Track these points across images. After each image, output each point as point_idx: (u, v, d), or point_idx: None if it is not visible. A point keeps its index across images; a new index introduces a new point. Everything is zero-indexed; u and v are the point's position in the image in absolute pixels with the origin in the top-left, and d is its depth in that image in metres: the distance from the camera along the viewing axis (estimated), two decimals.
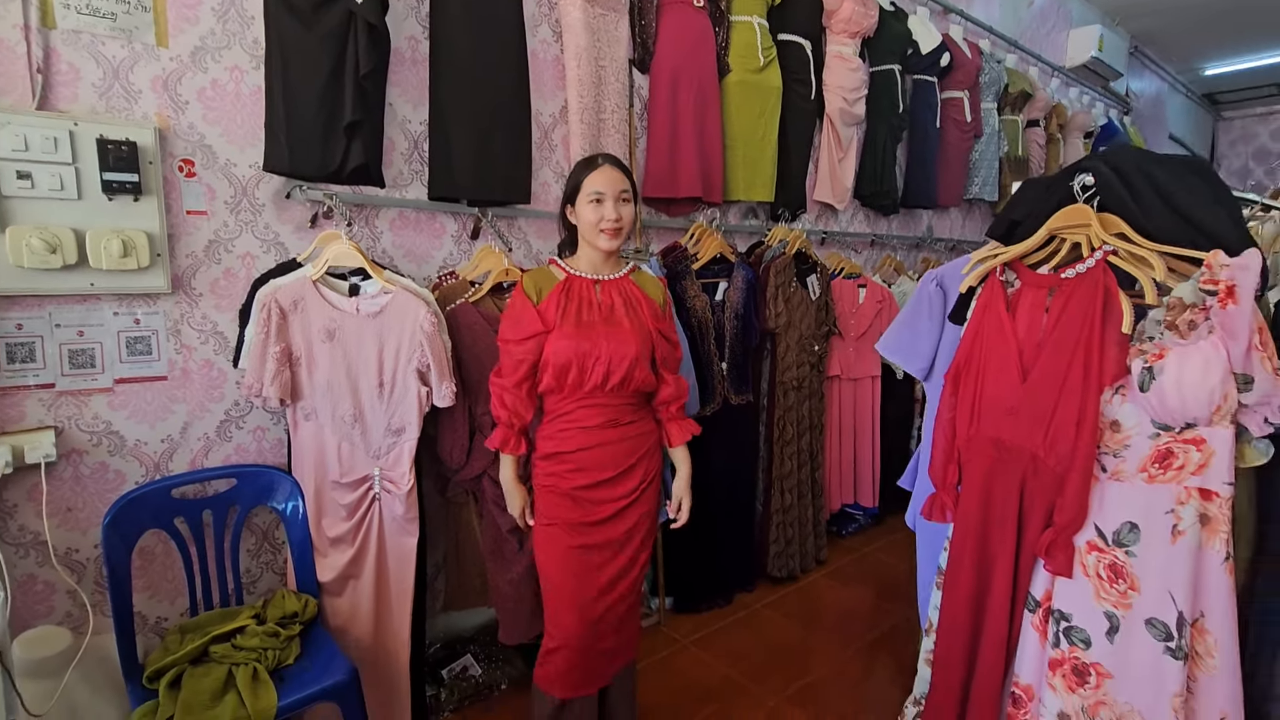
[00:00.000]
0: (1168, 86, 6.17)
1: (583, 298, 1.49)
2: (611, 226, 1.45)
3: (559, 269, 1.52)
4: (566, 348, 1.42)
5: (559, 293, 1.47)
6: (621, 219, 1.46)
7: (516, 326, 1.46)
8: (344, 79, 1.67)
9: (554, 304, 1.46)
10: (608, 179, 1.46)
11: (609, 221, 1.45)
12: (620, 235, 1.48)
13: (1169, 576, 1.06)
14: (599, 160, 1.49)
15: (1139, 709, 1.08)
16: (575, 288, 1.49)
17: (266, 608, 1.58)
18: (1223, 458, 1.03)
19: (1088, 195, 1.23)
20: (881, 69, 3.28)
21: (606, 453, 1.49)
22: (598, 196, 1.45)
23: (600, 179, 1.46)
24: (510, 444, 1.50)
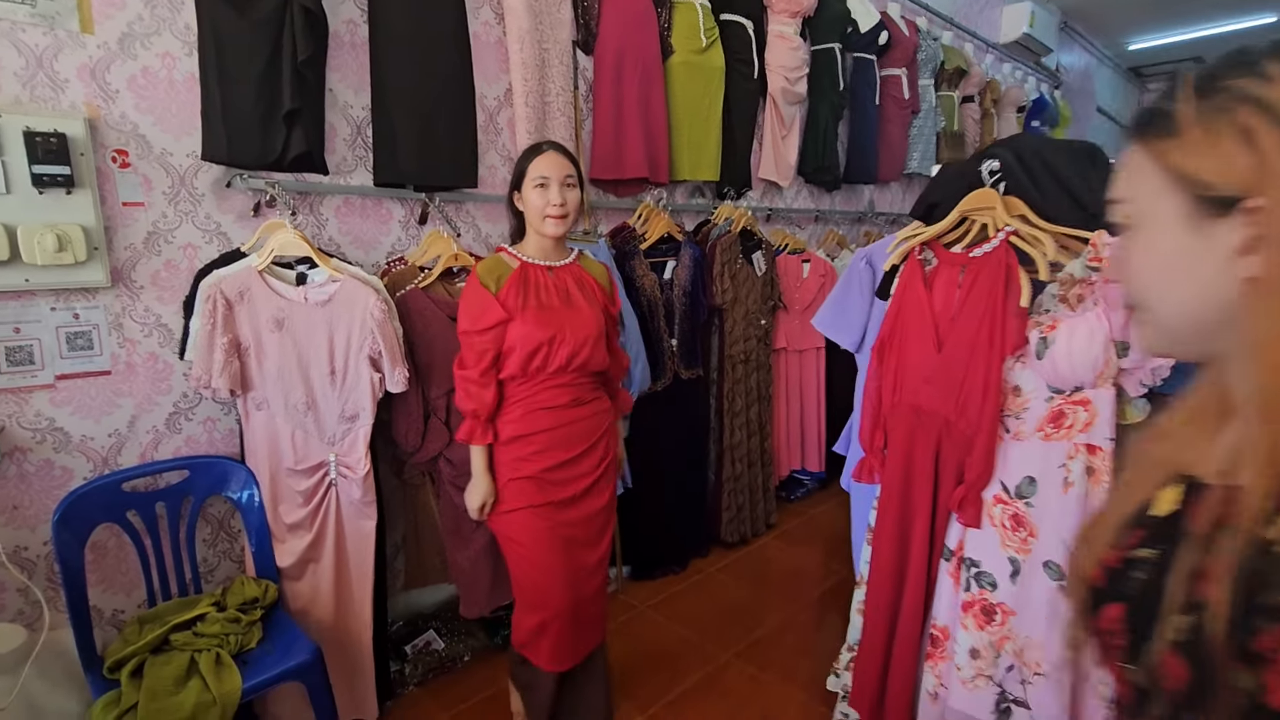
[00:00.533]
0: (1095, 61, 6.43)
1: (540, 283, 1.51)
2: (557, 212, 1.47)
3: (511, 257, 1.53)
4: (533, 333, 1.44)
5: (517, 280, 1.49)
6: (566, 204, 1.48)
7: (478, 317, 1.46)
8: (282, 65, 1.65)
9: (514, 291, 1.47)
10: (552, 164, 1.48)
11: (554, 207, 1.46)
12: (566, 221, 1.49)
13: (1062, 523, 1.19)
14: (544, 146, 1.51)
15: (1037, 639, 1.22)
16: (531, 274, 1.51)
17: (226, 595, 1.61)
18: (1105, 416, 1.16)
19: (994, 180, 1.33)
20: (822, 48, 3.35)
21: (569, 431, 1.53)
22: (542, 181, 1.46)
23: (544, 164, 1.47)
24: (478, 434, 1.52)
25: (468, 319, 1.48)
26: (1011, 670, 1.25)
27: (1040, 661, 1.22)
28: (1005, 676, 1.26)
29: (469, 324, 1.48)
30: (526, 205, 1.50)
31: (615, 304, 1.63)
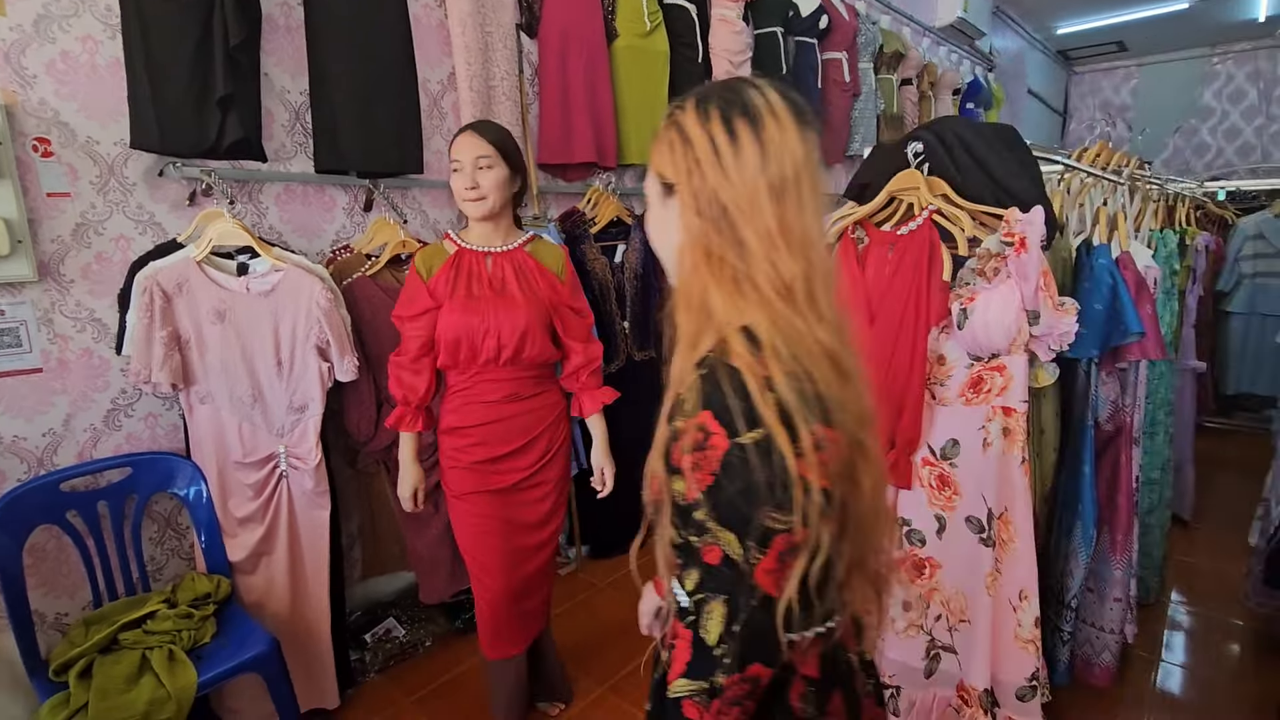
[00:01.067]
0: (1026, 44, 6.68)
1: (472, 271, 1.48)
2: (469, 195, 1.42)
3: (451, 243, 1.52)
4: (455, 323, 1.42)
5: (449, 267, 1.47)
6: (479, 186, 1.42)
7: (408, 304, 1.47)
8: (213, 49, 1.61)
9: (443, 279, 1.45)
10: (463, 145, 1.43)
11: (466, 190, 1.42)
12: (483, 203, 1.43)
13: (981, 481, 1.29)
14: (466, 127, 1.46)
15: (962, 590, 1.32)
16: (465, 261, 1.48)
17: (177, 592, 1.60)
18: (1019, 380, 1.26)
19: (918, 161, 1.41)
20: (765, 31, 3.40)
21: (507, 426, 1.51)
22: (455, 165, 1.43)
23: (457, 146, 1.44)
24: (405, 421, 1.52)
25: (401, 305, 1.49)
26: (940, 620, 1.35)
27: (965, 609, 1.32)
28: (934, 625, 1.35)
29: (400, 309, 1.48)
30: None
31: (566, 289, 1.55)
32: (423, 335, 1.46)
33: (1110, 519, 1.70)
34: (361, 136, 1.97)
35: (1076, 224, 1.75)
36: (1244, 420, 4.04)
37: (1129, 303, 1.49)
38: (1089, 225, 1.69)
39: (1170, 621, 2.26)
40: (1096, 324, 1.46)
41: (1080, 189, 1.78)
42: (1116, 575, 1.73)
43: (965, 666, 1.34)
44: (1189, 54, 7.01)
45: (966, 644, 1.32)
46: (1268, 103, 6.65)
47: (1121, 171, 1.84)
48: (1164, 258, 2.09)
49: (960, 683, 1.35)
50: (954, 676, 1.36)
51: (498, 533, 1.54)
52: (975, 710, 1.31)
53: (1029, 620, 1.31)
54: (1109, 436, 1.68)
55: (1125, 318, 1.48)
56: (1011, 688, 1.34)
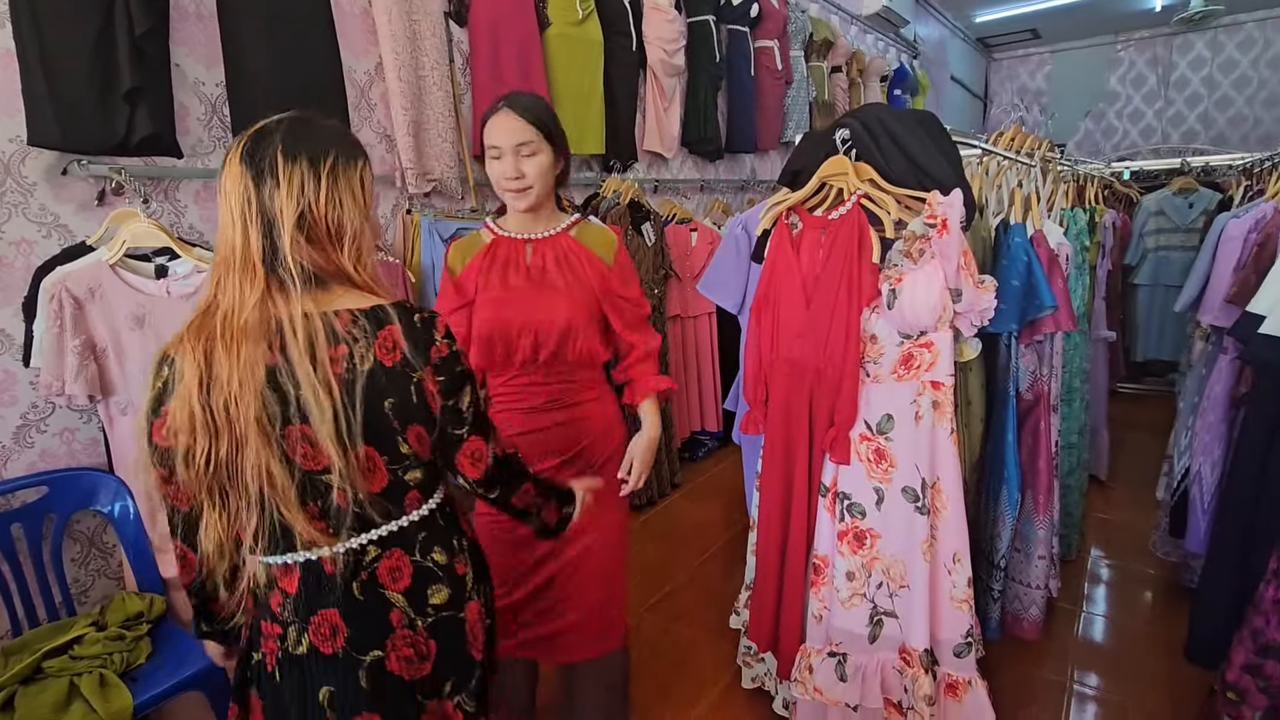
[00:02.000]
0: (948, 32, 6.94)
1: (509, 260, 1.31)
2: (512, 186, 1.25)
3: (489, 231, 1.35)
4: (487, 318, 1.27)
5: (482, 258, 1.31)
6: (524, 175, 1.24)
7: (439, 302, 1.33)
8: (116, 39, 1.52)
9: (476, 271, 1.31)
10: (504, 128, 1.24)
11: (508, 180, 1.25)
12: (528, 194, 1.26)
13: (915, 452, 1.35)
14: (499, 104, 1.26)
15: (900, 557, 1.39)
16: (502, 250, 1.32)
17: (105, 613, 1.52)
18: (946, 355, 1.32)
19: (846, 148, 1.45)
20: (697, 20, 3.43)
21: (546, 438, 1.33)
22: (495, 152, 1.26)
23: (495, 129, 1.25)
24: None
25: (437, 304, 1.35)
26: (881, 587, 1.41)
27: (904, 575, 1.38)
28: (876, 593, 1.42)
29: (438, 307, 1.32)
30: (489, 174, 1.30)
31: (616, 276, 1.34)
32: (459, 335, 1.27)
33: (1033, 482, 1.81)
34: None
35: (995, 205, 1.84)
36: (1152, 384, 4.35)
37: (1042, 278, 1.58)
38: (1006, 206, 1.78)
39: (1090, 575, 2.43)
40: (1014, 299, 1.55)
41: (997, 171, 1.87)
42: (1040, 534, 1.85)
43: (906, 629, 1.41)
44: (1096, 41, 7.43)
45: (906, 608, 1.39)
46: (1166, 87, 7.12)
47: (1034, 154, 1.95)
48: (1075, 234, 2.22)
49: (902, 645, 1.42)
50: (896, 640, 1.43)
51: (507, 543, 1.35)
52: (917, 670, 1.38)
53: (962, 581, 1.39)
54: (1029, 405, 1.79)
55: (1039, 292, 1.57)
56: (949, 646, 1.41)
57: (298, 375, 0.78)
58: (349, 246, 0.84)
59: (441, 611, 0.93)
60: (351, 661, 0.87)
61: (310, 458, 0.81)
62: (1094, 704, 1.80)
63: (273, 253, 0.80)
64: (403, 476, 0.88)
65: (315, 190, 0.80)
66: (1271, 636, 1.25)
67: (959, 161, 1.43)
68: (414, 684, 0.92)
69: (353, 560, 0.87)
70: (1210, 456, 1.88)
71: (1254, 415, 1.58)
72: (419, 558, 0.92)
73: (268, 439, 0.79)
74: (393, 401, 0.84)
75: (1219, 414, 1.86)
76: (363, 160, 0.86)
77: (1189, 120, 7.03)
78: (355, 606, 0.87)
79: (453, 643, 0.94)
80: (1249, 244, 1.84)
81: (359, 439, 0.81)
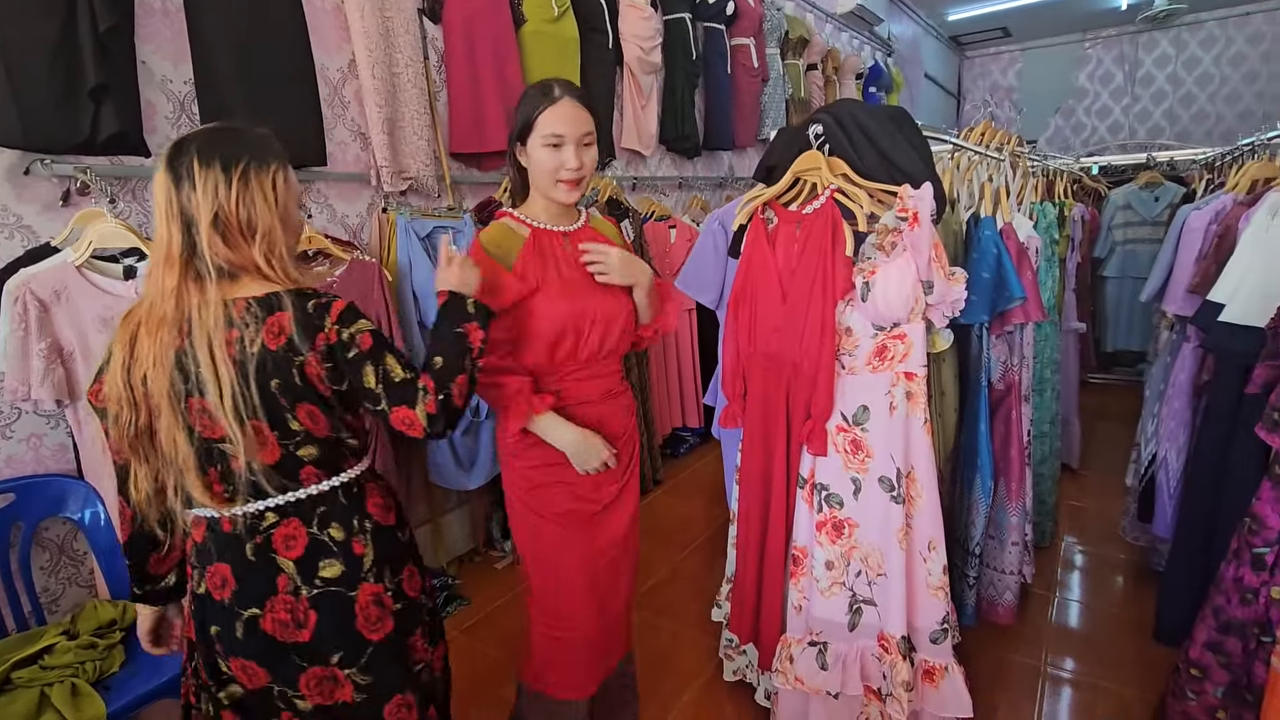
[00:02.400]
0: (922, 30, 7.02)
1: (554, 254, 1.27)
2: (573, 177, 1.22)
3: (519, 223, 1.28)
4: (559, 311, 1.22)
5: (531, 251, 1.25)
6: (584, 167, 1.22)
7: (488, 295, 1.20)
8: (79, 35, 1.49)
9: (530, 264, 1.24)
10: (569, 118, 1.20)
11: (570, 171, 1.21)
12: (581, 186, 1.26)
13: (890, 442, 1.38)
14: (555, 90, 1.21)
15: (877, 545, 1.41)
16: (545, 243, 1.27)
17: (77, 622, 1.49)
18: (919, 347, 1.34)
19: (819, 143, 1.47)
20: (673, 17, 3.44)
21: (606, 429, 1.34)
22: (556, 141, 1.20)
23: (559, 118, 1.19)
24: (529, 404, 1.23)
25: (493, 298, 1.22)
26: (859, 575, 1.44)
27: (881, 564, 1.41)
28: (855, 581, 1.44)
29: (498, 302, 1.21)
30: (533, 164, 1.24)
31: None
32: (508, 336, 1.23)
33: (1005, 470, 1.85)
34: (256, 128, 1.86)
35: (966, 199, 1.88)
36: (1122, 374, 4.45)
37: (1012, 270, 1.62)
38: (976, 200, 1.81)
39: (1063, 561, 2.48)
40: (985, 291, 1.58)
41: (968, 166, 1.90)
42: (1014, 521, 1.89)
43: (884, 617, 1.43)
44: (1064, 39, 7.57)
45: (884, 596, 1.41)
46: (1132, 84, 7.28)
47: (1003, 149, 1.99)
48: (1044, 228, 2.27)
49: (880, 633, 1.44)
50: (874, 628, 1.45)
51: (588, 567, 1.35)
52: (895, 657, 1.40)
53: (938, 569, 1.42)
54: (1001, 395, 1.83)
55: (1009, 284, 1.60)
56: (926, 633, 1.44)
57: (198, 356, 0.91)
58: (260, 242, 0.94)
59: (330, 585, 1.01)
60: (233, 612, 1.00)
61: (209, 428, 0.94)
62: (1068, 686, 1.85)
63: (190, 248, 0.92)
64: (295, 451, 0.98)
65: (227, 193, 0.92)
66: (1232, 614, 1.29)
67: (930, 156, 1.45)
68: (290, 646, 1.01)
69: (250, 523, 0.99)
70: (1176, 443, 1.94)
71: (1215, 402, 1.63)
72: (315, 530, 1.01)
73: (175, 411, 0.93)
74: (278, 382, 0.94)
75: (1183, 401, 1.91)
76: (276, 165, 0.97)
77: (1155, 116, 7.20)
78: (246, 565, 0.99)
79: (337, 617, 1.01)
80: (1210, 235, 1.89)
81: (248, 414, 0.92)
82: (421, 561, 1.18)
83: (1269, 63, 6.57)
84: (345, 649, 1.02)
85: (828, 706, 1.49)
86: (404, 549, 1.12)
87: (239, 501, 0.98)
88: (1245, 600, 1.27)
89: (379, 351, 0.98)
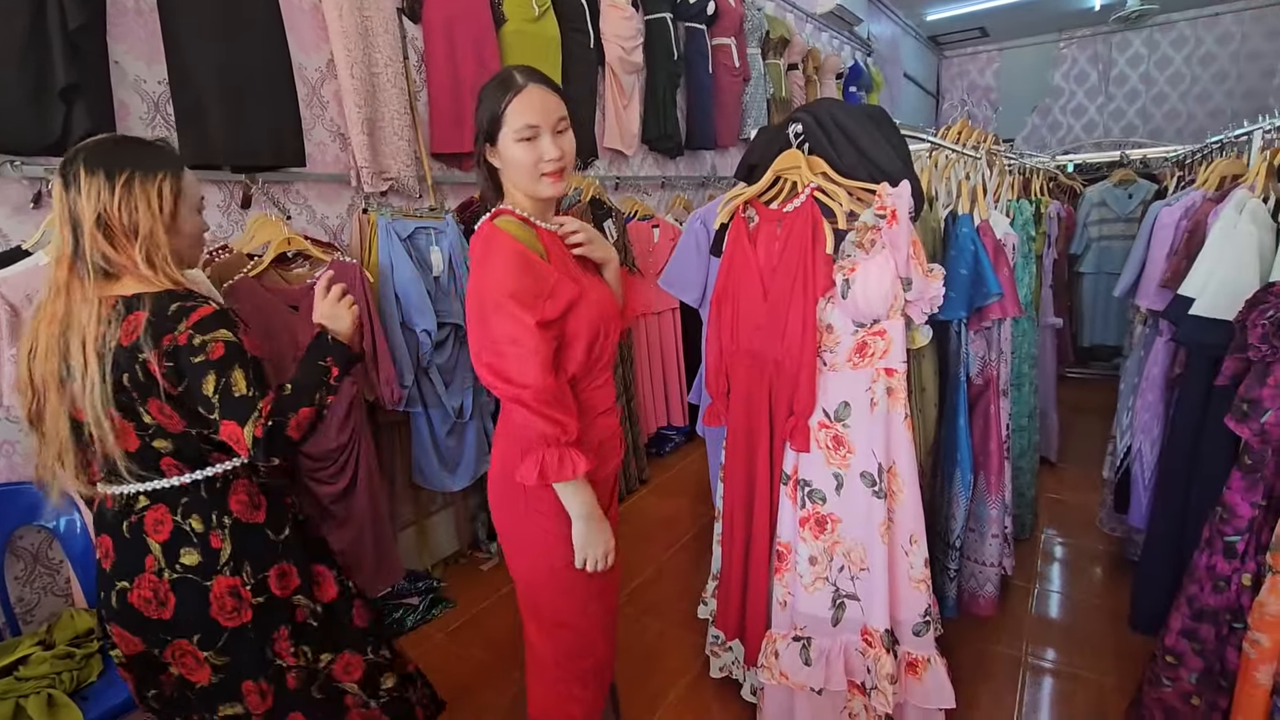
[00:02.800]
0: (900, 30, 7.09)
1: (562, 254, 1.18)
2: (555, 167, 1.12)
3: (523, 221, 1.16)
4: (592, 317, 1.14)
5: (553, 248, 1.15)
6: (565, 155, 1.13)
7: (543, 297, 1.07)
8: (49, 34, 1.46)
9: (558, 262, 1.14)
10: (539, 106, 1.09)
11: (550, 163, 1.11)
12: (564, 177, 1.14)
13: (871, 438, 1.39)
14: (517, 79, 1.10)
15: (860, 540, 1.42)
16: (551, 241, 1.17)
17: (53, 632, 1.47)
18: (898, 343, 1.36)
19: (799, 142, 1.48)
20: (654, 17, 3.44)
21: (617, 435, 1.29)
22: (530, 133, 1.09)
23: (529, 107, 1.09)
24: (571, 464, 1.09)
25: (530, 301, 1.05)
26: (842, 570, 1.45)
27: (863, 558, 1.42)
28: (838, 576, 1.45)
29: (534, 311, 1.05)
30: (508, 162, 1.12)
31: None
32: (556, 342, 1.11)
33: (985, 464, 1.88)
34: (232, 128, 1.84)
35: (944, 197, 1.90)
36: (1098, 369, 4.53)
37: (989, 266, 1.64)
38: (954, 198, 1.84)
39: (1043, 552, 2.52)
40: (962, 287, 1.60)
41: (945, 164, 1.93)
42: (993, 514, 1.91)
43: (867, 611, 1.44)
44: (1041, 39, 7.69)
45: (867, 590, 1.42)
46: (1106, 83, 7.40)
47: (980, 147, 2.01)
48: (1021, 225, 2.30)
49: (864, 627, 1.45)
50: (858, 622, 1.46)
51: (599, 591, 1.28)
52: (878, 650, 1.42)
53: (919, 562, 1.43)
54: (980, 390, 1.85)
55: (986, 280, 1.63)
56: (908, 626, 1.46)
57: (71, 347, 1.01)
58: (140, 245, 1.03)
59: (189, 573, 1.09)
60: (111, 582, 1.11)
61: (80, 414, 1.04)
62: (1048, 676, 1.88)
63: (75, 248, 1.02)
64: (150, 442, 1.07)
65: (110, 198, 1.00)
66: (1205, 602, 1.32)
67: (907, 154, 1.47)
68: (155, 621, 1.09)
69: (125, 503, 1.09)
70: (1150, 435, 1.97)
71: (1186, 394, 1.66)
72: (179, 519, 1.09)
73: (59, 397, 1.04)
74: (128, 376, 1.02)
75: (1157, 394, 1.95)
76: (164, 174, 1.06)
77: (1128, 115, 7.33)
78: (122, 541, 1.10)
79: (193, 603, 1.09)
80: (1180, 231, 1.93)
81: (104, 403, 1.01)
82: (309, 564, 1.24)
83: (1238, 62, 6.71)
84: (202, 632, 1.11)
85: (813, 702, 1.50)
86: (272, 548, 1.17)
87: (115, 483, 1.09)
88: (1218, 588, 1.30)
89: (228, 363, 1.04)
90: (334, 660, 1.25)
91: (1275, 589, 1.19)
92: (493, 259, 1.08)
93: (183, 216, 1.09)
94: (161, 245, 1.05)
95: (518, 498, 1.19)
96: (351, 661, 1.28)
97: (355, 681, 1.28)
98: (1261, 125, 1.86)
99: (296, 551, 1.21)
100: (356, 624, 1.31)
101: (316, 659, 1.23)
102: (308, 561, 1.24)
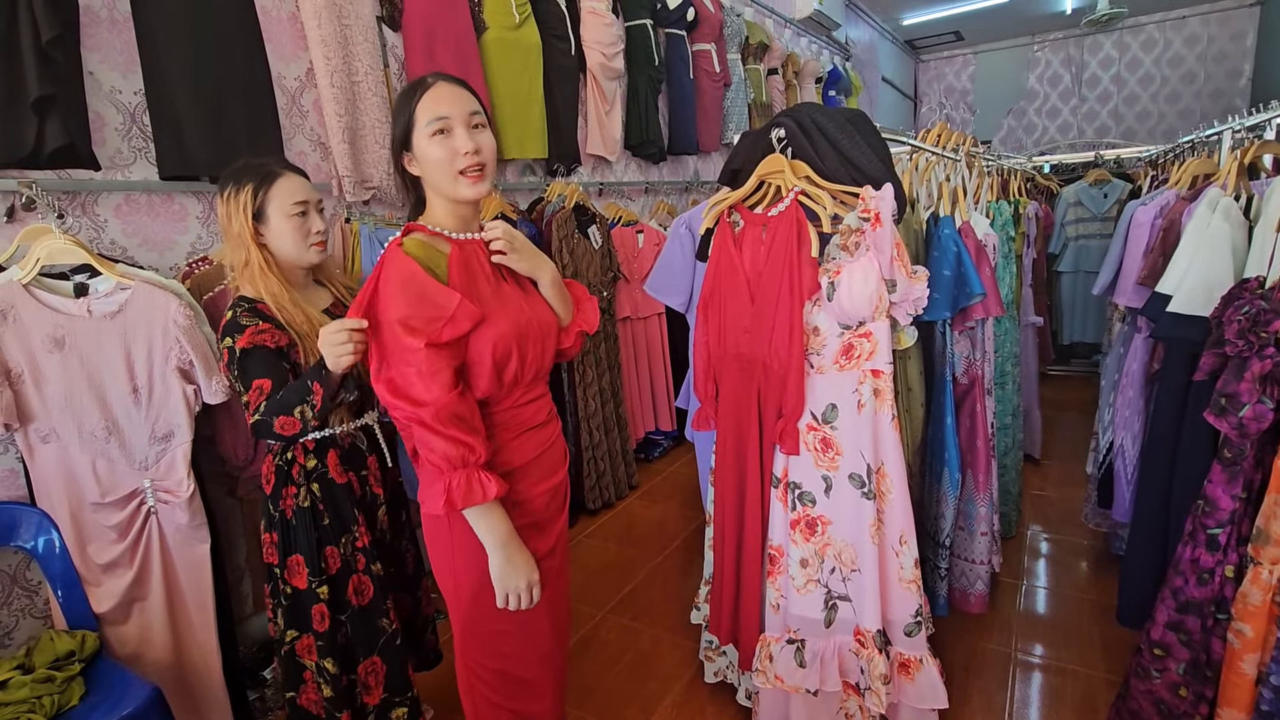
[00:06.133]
0: (878, 35, 7.18)
1: (480, 267, 1.12)
2: (472, 162, 1.06)
3: (435, 236, 1.10)
4: (502, 334, 1.08)
5: (459, 268, 1.08)
6: (482, 151, 1.07)
7: (443, 320, 1.02)
8: (20, 46, 1.44)
9: (462, 281, 1.07)
10: (447, 97, 1.06)
11: (467, 157, 1.05)
12: (486, 174, 1.09)
13: (859, 439, 1.40)
14: (427, 79, 1.08)
15: (850, 542, 1.43)
16: (468, 255, 1.11)
17: (32, 655, 1.43)
18: (884, 344, 1.37)
19: (782, 146, 1.49)
20: (635, 24, 3.46)
21: (555, 451, 1.23)
22: (441, 125, 1.05)
23: (437, 100, 1.05)
24: (480, 488, 1.03)
25: (420, 324, 1.01)
26: (834, 572, 1.45)
27: (854, 559, 1.43)
28: (829, 578, 1.46)
29: (430, 334, 1.01)
30: (424, 164, 1.08)
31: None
32: (455, 363, 1.05)
33: (972, 462, 1.89)
34: (210, 138, 1.82)
35: (926, 199, 1.92)
36: (1079, 366, 4.60)
37: (971, 267, 1.66)
38: (935, 200, 1.86)
39: (1029, 549, 2.55)
40: (946, 288, 1.62)
41: (926, 167, 1.95)
42: (981, 512, 1.93)
43: (859, 612, 1.45)
44: (1015, 42, 7.82)
45: (858, 591, 1.43)
46: (1079, 85, 7.54)
47: (959, 150, 2.04)
48: (1001, 225, 2.33)
49: (856, 628, 1.46)
50: (850, 623, 1.47)
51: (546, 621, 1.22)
52: (871, 651, 1.42)
53: (909, 562, 1.44)
54: (965, 389, 1.87)
55: (969, 281, 1.64)
56: (900, 626, 1.46)
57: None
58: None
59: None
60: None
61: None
62: (1038, 671, 1.89)
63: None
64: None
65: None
66: (1190, 594, 1.33)
67: (889, 157, 1.48)
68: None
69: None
70: (1131, 430, 2.00)
71: (1166, 389, 1.69)
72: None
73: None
74: None
75: (1136, 390, 1.98)
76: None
77: (1101, 116, 7.47)
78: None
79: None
80: (1155, 229, 1.97)
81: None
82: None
83: (1205, 63, 6.87)
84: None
85: (808, 704, 1.50)
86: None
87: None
88: (1202, 580, 1.32)
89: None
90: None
91: (1257, 580, 1.21)
92: (386, 284, 1.04)
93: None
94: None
95: (441, 531, 1.14)
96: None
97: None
98: (1231, 125, 1.90)
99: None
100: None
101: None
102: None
